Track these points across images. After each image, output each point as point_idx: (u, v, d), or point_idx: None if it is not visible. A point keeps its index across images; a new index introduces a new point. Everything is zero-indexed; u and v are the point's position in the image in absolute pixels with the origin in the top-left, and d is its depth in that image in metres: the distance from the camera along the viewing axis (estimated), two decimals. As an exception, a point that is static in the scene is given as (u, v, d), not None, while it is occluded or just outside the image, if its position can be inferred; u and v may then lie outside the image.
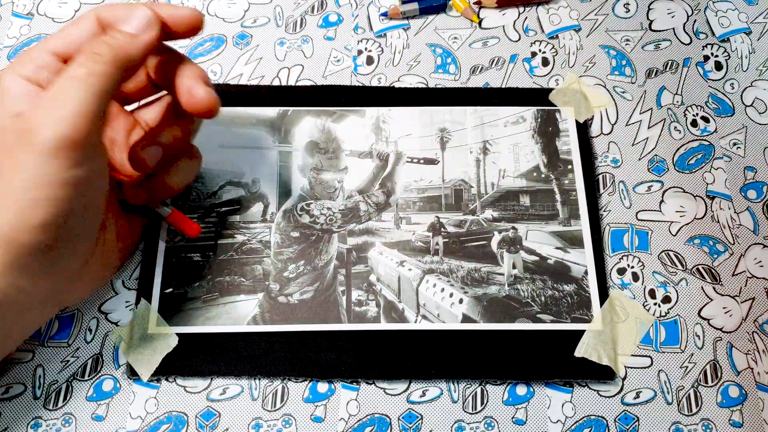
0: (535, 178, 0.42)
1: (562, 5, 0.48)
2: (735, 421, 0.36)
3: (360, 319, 0.38)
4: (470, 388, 0.37)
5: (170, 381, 0.37)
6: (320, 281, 0.39)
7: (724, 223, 0.41)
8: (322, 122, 0.43)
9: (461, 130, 0.43)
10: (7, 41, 0.46)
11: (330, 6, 0.48)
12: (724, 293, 0.39)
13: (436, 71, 0.46)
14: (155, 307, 0.38)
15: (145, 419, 0.36)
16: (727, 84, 0.45)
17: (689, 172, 0.43)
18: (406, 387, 0.37)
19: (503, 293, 0.38)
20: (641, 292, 0.39)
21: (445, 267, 0.39)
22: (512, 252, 0.40)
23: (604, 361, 0.37)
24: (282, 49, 0.46)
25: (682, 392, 0.37)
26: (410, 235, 0.40)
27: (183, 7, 0.31)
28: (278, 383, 0.37)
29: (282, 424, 0.36)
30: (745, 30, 0.47)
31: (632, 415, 0.36)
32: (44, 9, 0.47)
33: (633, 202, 0.42)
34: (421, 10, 0.47)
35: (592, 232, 0.40)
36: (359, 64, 0.46)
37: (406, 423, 0.36)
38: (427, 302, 0.38)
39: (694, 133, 0.44)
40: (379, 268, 0.39)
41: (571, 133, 0.43)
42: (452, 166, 0.42)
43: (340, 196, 0.41)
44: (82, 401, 0.36)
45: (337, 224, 0.40)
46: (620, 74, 0.46)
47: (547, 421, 0.36)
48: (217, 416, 0.36)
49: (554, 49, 0.46)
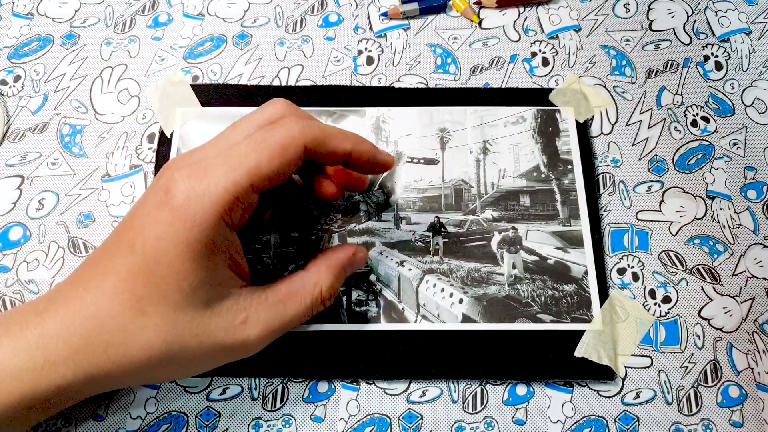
0: (535, 178, 0.42)
1: (562, 5, 0.48)
2: (735, 421, 0.36)
3: (360, 319, 0.38)
4: (470, 388, 0.37)
5: (170, 381, 0.37)
6: (320, 281, 0.39)
7: (724, 223, 0.41)
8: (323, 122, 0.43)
9: (461, 130, 0.43)
10: (7, 41, 0.46)
11: (330, 6, 0.48)
12: (724, 293, 0.39)
13: (436, 71, 0.46)
14: (155, 307, 0.38)
15: (145, 419, 0.36)
16: (727, 84, 0.45)
17: (689, 172, 0.43)
18: (406, 387, 0.37)
19: (503, 293, 0.38)
20: (641, 292, 0.39)
21: (445, 267, 0.39)
22: (512, 252, 0.40)
23: (604, 361, 0.37)
24: (282, 49, 0.46)
25: (682, 392, 0.37)
26: (410, 235, 0.40)
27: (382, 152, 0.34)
28: (278, 383, 0.37)
29: (282, 424, 0.36)
30: (745, 30, 0.47)
31: (632, 415, 0.36)
32: (44, 9, 0.47)
33: (633, 202, 0.42)
34: (421, 10, 0.47)
35: (592, 232, 0.40)
36: (359, 64, 0.46)
37: (406, 423, 0.36)
38: (427, 302, 0.38)
39: (694, 133, 0.44)
40: (379, 268, 0.39)
41: (571, 133, 0.43)
42: (452, 166, 0.42)
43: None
44: (82, 401, 0.36)
45: (337, 224, 0.40)
46: (620, 74, 0.46)
47: (547, 421, 0.36)
48: (217, 416, 0.36)
49: (554, 49, 0.46)
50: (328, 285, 0.33)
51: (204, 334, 0.29)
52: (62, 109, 0.44)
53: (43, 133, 0.43)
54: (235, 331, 0.30)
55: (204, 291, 0.29)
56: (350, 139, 0.32)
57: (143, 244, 0.28)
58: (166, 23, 0.47)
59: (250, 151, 0.29)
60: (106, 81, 0.45)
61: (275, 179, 0.29)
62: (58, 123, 0.43)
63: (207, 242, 0.28)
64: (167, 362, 0.29)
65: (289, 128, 0.30)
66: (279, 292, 0.32)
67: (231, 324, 0.30)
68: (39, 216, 0.41)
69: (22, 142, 0.43)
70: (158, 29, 0.47)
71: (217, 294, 0.30)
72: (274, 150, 0.29)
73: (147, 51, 0.46)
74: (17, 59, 0.45)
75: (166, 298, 0.28)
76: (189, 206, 0.27)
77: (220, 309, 0.30)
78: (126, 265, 0.28)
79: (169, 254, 0.28)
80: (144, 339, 0.28)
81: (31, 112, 0.44)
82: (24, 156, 0.42)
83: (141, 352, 0.28)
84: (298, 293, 0.32)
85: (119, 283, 0.28)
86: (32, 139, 0.43)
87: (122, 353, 0.28)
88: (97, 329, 0.28)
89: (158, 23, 0.47)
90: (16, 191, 0.41)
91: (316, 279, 0.33)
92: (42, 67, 0.45)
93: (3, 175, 0.42)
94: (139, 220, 0.29)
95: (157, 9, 0.48)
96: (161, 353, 0.28)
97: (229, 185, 0.28)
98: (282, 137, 0.29)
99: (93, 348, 0.28)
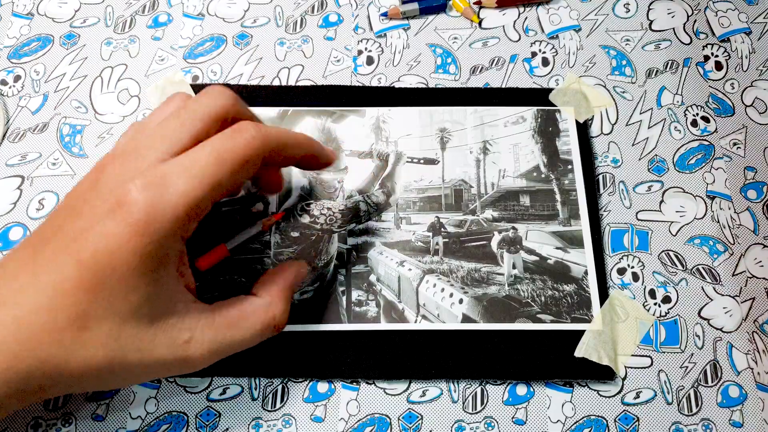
0: (535, 178, 0.42)
1: (562, 5, 0.48)
2: (735, 421, 0.36)
3: (360, 319, 0.38)
4: (470, 388, 0.37)
5: (170, 381, 0.37)
6: (320, 281, 0.39)
7: (724, 223, 0.41)
8: (322, 122, 0.43)
9: (461, 130, 0.43)
10: (7, 41, 0.46)
11: (330, 6, 0.48)
12: (724, 293, 0.39)
13: (436, 71, 0.46)
14: (155, 307, 0.38)
15: (145, 419, 0.36)
16: (727, 84, 0.45)
17: (689, 172, 0.43)
18: (406, 387, 0.37)
19: (503, 293, 0.38)
20: (641, 292, 0.39)
21: (445, 267, 0.39)
22: (512, 252, 0.40)
23: (604, 361, 0.37)
24: (282, 49, 0.46)
25: (682, 392, 0.37)
26: (410, 235, 0.40)
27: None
28: (278, 383, 0.37)
29: (282, 424, 0.36)
30: (745, 30, 0.47)
31: (632, 415, 0.36)
32: (44, 9, 0.47)
33: (633, 202, 0.42)
34: (421, 10, 0.47)
35: (592, 232, 0.40)
36: (359, 64, 0.46)
37: (406, 423, 0.36)
38: (427, 302, 0.38)
39: (694, 133, 0.44)
40: (379, 268, 0.39)
41: (571, 133, 0.43)
42: (452, 166, 0.42)
43: (340, 196, 0.41)
44: (82, 401, 0.36)
45: (337, 224, 0.40)
46: (620, 74, 0.46)
47: (547, 421, 0.36)
48: (217, 416, 0.36)
49: (554, 49, 0.46)
50: (281, 311, 0.32)
51: (146, 349, 0.28)
52: (62, 109, 0.44)
53: (43, 133, 0.43)
54: (177, 350, 0.29)
55: (151, 305, 0.28)
56: (302, 145, 0.32)
57: (93, 259, 0.26)
58: (166, 23, 0.47)
59: (212, 164, 0.27)
60: (106, 81, 0.45)
61: (234, 191, 0.29)
62: (58, 123, 0.43)
63: (161, 256, 0.27)
64: (106, 375, 0.28)
65: (251, 140, 0.29)
66: (228, 314, 0.31)
67: (174, 342, 0.29)
68: (39, 216, 0.41)
69: (22, 142, 0.43)
70: (158, 29, 0.47)
71: (164, 309, 0.28)
72: (237, 164, 0.28)
73: (147, 51, 0.46)
74: (17, 59, 0.45)
75: (113, 313, 0.27)
76: (149, 222, 0.26)
77: (165, 325, 0.28)
78: (72, 280, 0.26)
79: (121, 269, 0.26)
80: (84, 354, 0.27)
81: (31, 112, 0.44)
82: (24, 156, 0.42)
83: (80, 367, 0.27)
84: (248, 318, 0.31)
85: (63, 299, 0.26)
86: (32, 139, 0.43)
87: (60, 368, 0.27)
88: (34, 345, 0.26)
89: (158, 23, 0.47)
90: (16, 191, 0.41)
91: (268, 305, 0.32)
92: (42, 67, 0.45)
93: (3, 175, 0.42)
94: (86, 230, 0.27)
95: (157, 9, 0.48)
96: (101, 368, 0.27)
97: (190, 200, 0.27)
98: (245, 151, 0.28)
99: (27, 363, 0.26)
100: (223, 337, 0.30)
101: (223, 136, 0.29)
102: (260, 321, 0.31)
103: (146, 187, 0.27)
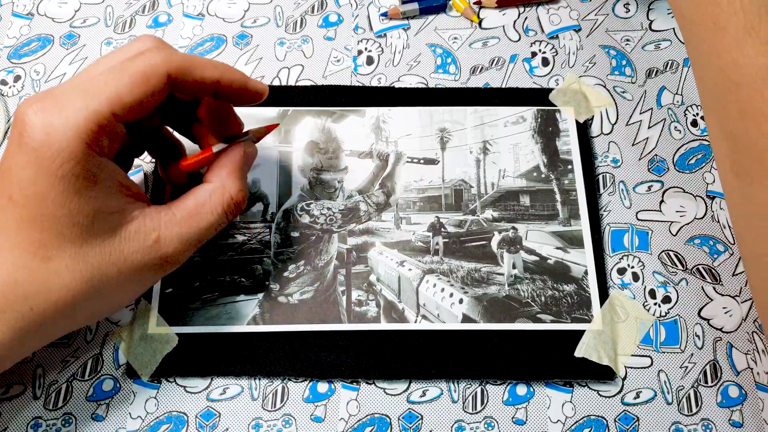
0: (535, 178, 0.42)
1: (562, 5, 0.48)
2: (735, 421, 0.36)
3: (360, 319, 0.38)
4: (470, 388, 0.37)
5: (170, 381, 0.37)
6: (320, 281, 0.39)
7: (724, 223, 0.41)
8: (322, 122, 0.43)
9: (461, 130, 0.43)
10: (7, 41, 0.46)
11: (330, 6, 0.48)
12: (724, 293, 0.39)
13: (436, 71, 0.46)
14: (155, 307, 0.38)
15: (145, 419, 0.36)
16: (727, 84, 0.45)
17: (689, 172, 0.43)
18: (406, 387, 0.37)
19: (503, 293, 0.38)
20: (641, 292, 0.39)
21: (445, 267, 0.39)
22: (512, 252, 0.40)
23: (604, 361, 0.37)
24: (282, 49, 0.46)
25: (682, 392, 0.37)
26: (410, 235, 0.40)
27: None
28: (278, 383, 0.37)
29: (282, 424, 0.36)
30: (745, 30, 0.47)
31: (632, 415, 0.36)
32: (44, 9, 0.47)
33: (633, 202, 0.42)
34: (421, 10, 0.47)
35: (592, 232, 0.40)
36: (359, 64, 0.46)
37: (406, 423, 0.36)
38: (427, 302, 0.38)
39: (694, 133, 0.44)
40: (379, 268, 0.39)
41: (571, 133, 0.43)
42: (452, 166, 0.42)
43: (340, 196, 0.41)
44: (82, 401, 0.36)
45: (337, 224, 0.40)
46: (620, 74, 0.46)
47: (547, 421, 0.36)
48: (217, 416, 0.36)
49: (554, 49, 0.46)
50: (237, 189, 0.33)
51: (120, 261, 0.29)
52: (62, 109, 0.44)
53: (43, 133, 0.43)
54: (150, 251, 0.30)
55: (103, 220, 0.29)
56: (218, 67, 0.31)
57: (20, 192, 0.27)
58: (166, 23, 0.47)
59: (110, 80, 0.28)
60: (106, 81, 0.45)
61: (139, 109, 0.29)
62: (58, 123, 0.43)
63: (84, 173, 0.28)
64: (94, 297, 0.29)
65: (151, 57, 0.29)
66: (186, 207, 0.32)
67: (144, 245, 0.30)
68: (39, 216, 0.41)
69: (22, 142, 0.43)
70: (158, 29, 0.47)
71: (119, 220, 0.30)
72: (136, 78, 0.28)
73: (147, 51, 0.46)
74: (17, 59, 0.45)
75: (66, 238, 0.28)
76: (50, 142, 0.27)
77: (128, 234, 0.30)
78: (12, 217, 0.28)
79: (50, 195, 0.27)
80: (61, 282, 0.28)
81: (31, 112, 0.44)
82: (24, 156, 0.42)
83: (63, 295, 0.28)
84: (206, 204, 0.32)
85: (13, 235, 0.28)
86: (32, 139, 0.43)
87: (44, 300, 0.28)
88: (10, 284, 0.27)
89: (158, 23, 0.47)
90: (16, 191, 0.41)
91: (222, 187, 0.32)
92: (42, 67, 0.45)
93: (3, 175, 0.42)
94: (6, 169, 0.28)
95: (157, 9, 0.48)
96: (84, 291, 0.28)
97: (89, 114, 0.27)
98: (143, 65, 0.29)
99: (13, 303, 0.28)
100: (189, 228, 0.31)
101: (125, 60, 0.29)
102: (218, 203, 0.32)
103: (42, 110, 0.27)
